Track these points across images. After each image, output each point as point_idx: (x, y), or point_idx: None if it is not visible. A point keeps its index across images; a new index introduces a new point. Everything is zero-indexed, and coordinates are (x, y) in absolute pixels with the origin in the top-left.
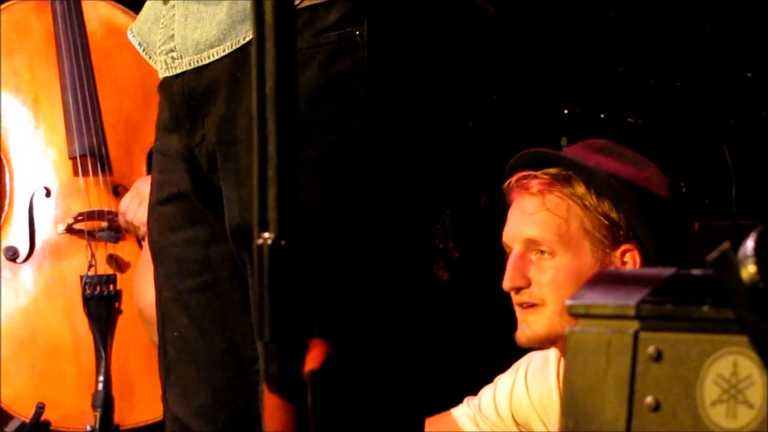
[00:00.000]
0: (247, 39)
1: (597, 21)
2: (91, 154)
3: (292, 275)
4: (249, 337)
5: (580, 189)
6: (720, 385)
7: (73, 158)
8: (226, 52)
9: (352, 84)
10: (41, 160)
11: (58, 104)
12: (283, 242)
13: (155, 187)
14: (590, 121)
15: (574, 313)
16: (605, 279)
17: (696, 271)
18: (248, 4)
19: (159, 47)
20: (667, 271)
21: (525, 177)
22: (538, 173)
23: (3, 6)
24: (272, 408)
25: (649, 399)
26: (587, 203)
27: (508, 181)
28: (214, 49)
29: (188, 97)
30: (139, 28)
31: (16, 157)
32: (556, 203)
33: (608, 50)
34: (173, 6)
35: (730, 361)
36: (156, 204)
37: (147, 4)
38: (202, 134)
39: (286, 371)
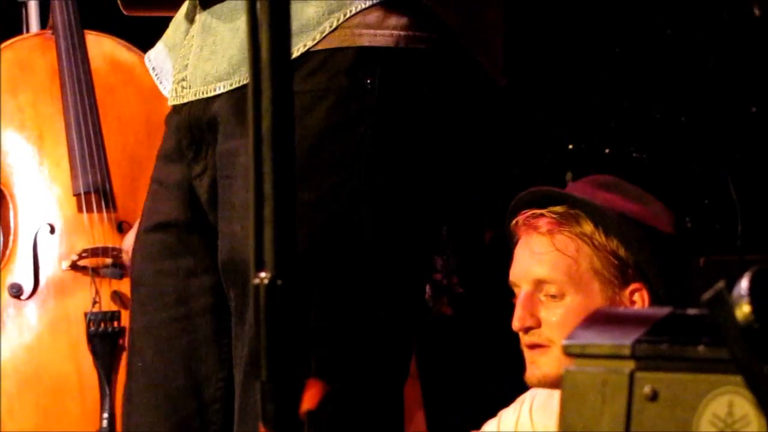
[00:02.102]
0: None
1: (602, 56)
2: (96, 191)
3: (288, 315)
4: (214, 376)
5: (589, 228)
6: (716, 425)
7: (77, 195)
8: (233, 87)
9: (358, 129)
10: (45, 196)
11: (63, 141)
12: (279, 282)
13: (144, 215)
14: (595, 156)
15: (570, 353)
16: (601, 318)
17: (692, 311)
18: None
19: (173, 75)
20: (663, 311)
21: (533, 215)
22: (545, 212)
23: (7, 43)
24: None
25: None
26: (596, 242)
27: (514, 220)
28: (221, 83)
29: (193, 126)
30: (156, 54)
31: (20, 194)
32: (565, 243)
33: (613, 85)
34: (192, 36)
35: (725, 401)
36: (142, 232)
37: (168, 31)
38: (203, 165)
39: (283, 411)
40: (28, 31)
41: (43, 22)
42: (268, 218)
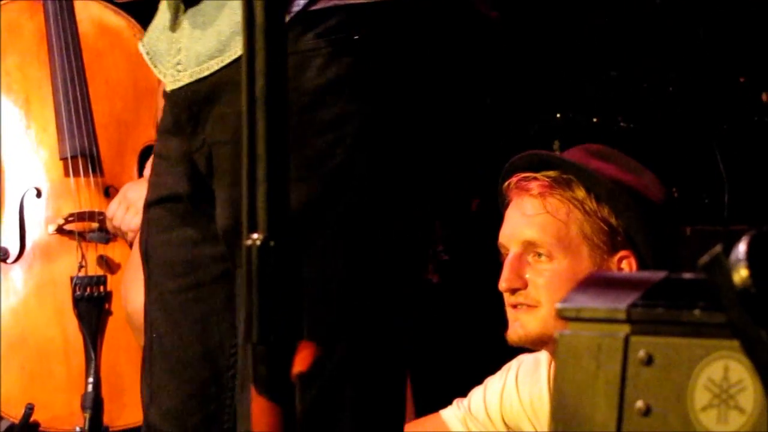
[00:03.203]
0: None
1: (589, 25)
2: (83, 155)
3: (281, 276)
4: (227, 342)
5: (581, 193)
6: (711, 389)
7: (64, 159)
8: (225, 63)
9: (349, 87)
10: (32, 160)
11: (50, 105)
12: (272, 243)
13: (150, 189)
14: (583, 125)
15: (565, 317)
16: (596, 282)
17: (687, 275)
18: None
19: (167, 60)
20: (658, 275)
21: (525, 178)
22: (538, 175)
23: None
24: (260, 410)
25: (639, 403)
26: (587, 208)
27: (507, 182)
28: (214, 60)
29: (191, 102)
30: (149, 38)
31: (6, 158)
32: (556, 206)
33: (601, 54)
34: (182, 19)
35: (721, 366)
36: (149, 205)
37: (157, 15)
38: (202, 138)
39: (275, 373)
40: None
41: None
42: (261, 179)
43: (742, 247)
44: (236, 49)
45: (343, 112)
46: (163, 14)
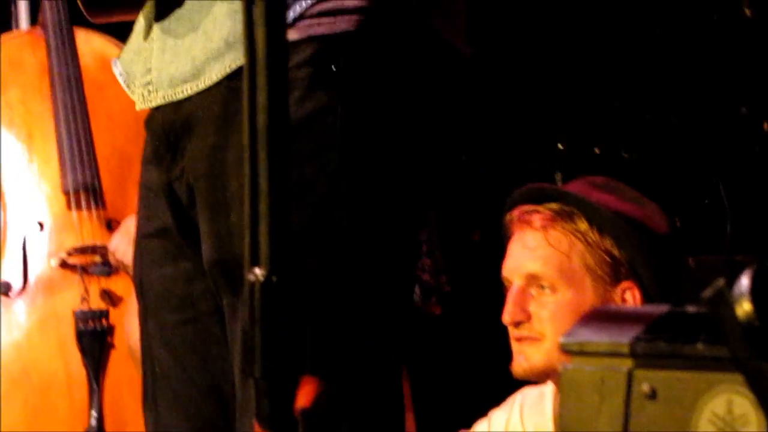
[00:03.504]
0: (220, 77)
1: (592, 55)
2: (85, 189)
3: (283, 311)
4: (230, 373)
5: (583, 225)
6: (715, 423)
7: (66, 192)
8: (200, 88)
9: (327, 119)
10: (35, 194)
11: (52, 138)
12: (274, 278)
13: (140, 221)
14: (585, 156)
15: (568, 351)
16: (599, 316)
17: (690, 308)
18: (222, 43)
19: (138, 79)
20: (661, 308)
21: (527, 211)
22: (540, 208)
23: None
24: None
25: None
26: (590, 240)
27: (509, 215)
28: (188, 85)
29: (167, 131)
30: (122, 59)
31: (9, 192)
32: (558, 239)
33: (603, 85)
34: (153, 39)
35: (725, 400)
36: (140, 238)
37: (131, 36)
38: (181, 167)
39: (278, 408)
40: (17, 27)
41: (33, 19)
42: (264, 214)
43: (745, 281)
44: (211, 75)
45: (323, 144)
46: (137, 34)
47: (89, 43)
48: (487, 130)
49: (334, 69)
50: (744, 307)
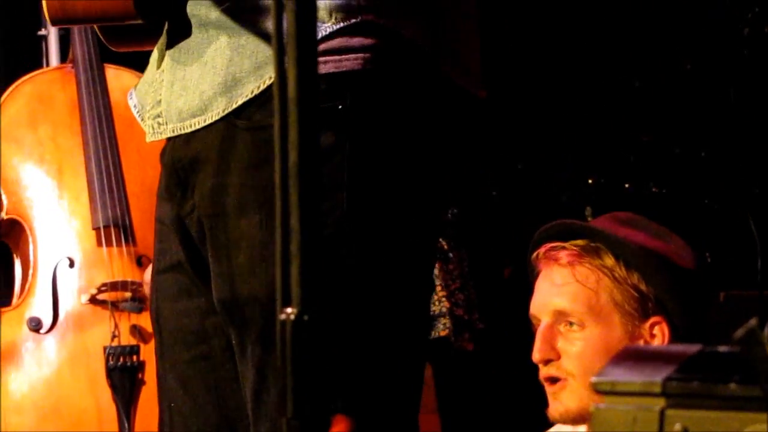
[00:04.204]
0: (227, 111)
1: (621, 90)
2: (115, 225)
3: (315, 351)
4: (243, 409)
5: (610, 261)
6: None
7: (96, 229)
8: (207, 122)
9: (334, 158)
10: (65, 230)
11: (82, 174)
12: (305, 317)
13: (155, 256)
14: (615, 191)
15: (600, 390)
16: (631, 355)
17: (722, 348)
18: (228, 77)
19: (149, 111)
20: (693, 348)
21: (554, 248)
22: (566, 244)
23: (27, 76)
24: None
25: None
26: (617, 275)
27: (536, 252)
28: (196, 119)
29: (177, 167)
30: (137, 90)
31: (39, 228)
32: (585, 275)
33: (633, 120)
34: (163, 70)
35: None
36: (156, 273)
37: (147, 68)
38: (191, 204)
39: None
40: (48, 64)
41: (63, 56)
42: (294, 254)
43: None
44: (218, 110)
45: (331, 184)
46: (151, 65)
47: (119, 79)
48: (519, 167)
49: (341, 107)
50: None
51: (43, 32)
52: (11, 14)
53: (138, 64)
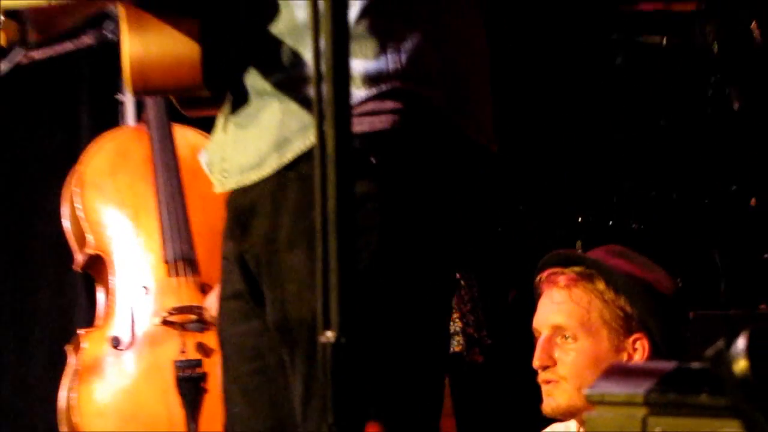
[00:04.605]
0: (278, 166)
1: (606, 144)
2: (182, 259)
3: (351, 368)
4: (293, 415)
5: (601, 285)
6: None
7: (167, 262)
8: (262, 175)
9: (368, 205)
10: (140, 263)
11: (155, 216)
12: (343, 340)
13: (221, 286)
14: (601, 227)
15: (592, 401)
16: (617, 371)
17: (695, 364)
18: (280, 137)
19: (216, 166)
20: (670, 365)
21: (554, 273)
22: (565, 270)
23: (109, 133)
24: None
25: None
26: (606, 297)
27: (539, 276)
28: (253, 172)
29: (238, 212)
30: (207, 149)
31: (119, 261)
32: (579, 296)
33: (616, 168)
34: (227, 132)
35: None
36: (221, 300)
37: (214, 130)
38: (249, 243)
39: None
40: (125, 123)
41: (138, 116)
42: (334, 285)
43: (741, 342)
44: (272, 165)
45: (366, 224)
46: (216, 128)
47: (185, 136)
48: (520, 208)
49: (374, 161)
50: (740, 365)
51: (121, 97)
52: (95, 83)
53: (200, 123)
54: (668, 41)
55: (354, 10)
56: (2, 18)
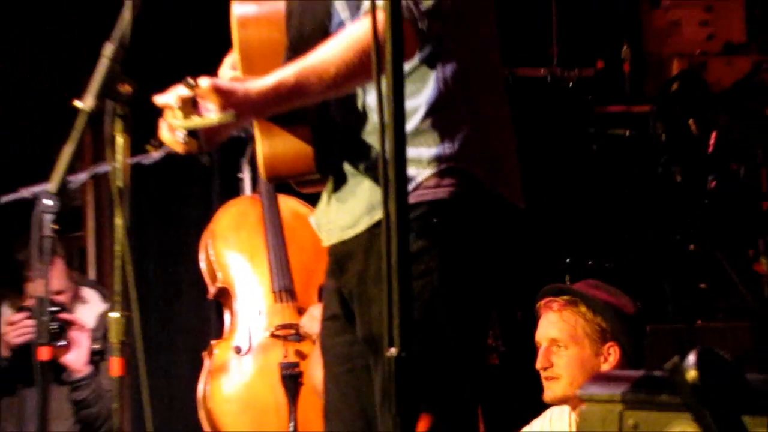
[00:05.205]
0: (368, 225)
1: (586, 206)
2: (284, 290)
3: (409, 375)
4: (374, 405)
5: (583, 309)
6: None
7: (274, 292)
8: (356, 232)
9: (430, 253)
10: (255, 293)
11: (265, 259)
12: (403, 354)
13: (323, 310)
14: (582, 266)
15: (583, 399)
16: (601, 378)
17: (657, 373)
18: (369, 205)
19: (323, 227)
20: (639, 373)
21: (550, 301)
22: (557, 299)
23: (233, 201)
24: None
25: None
26: (587, 317)
27: (539, 303)
28: (350, 230)
29: (339, 258)
30: (315, 215)
31: (239, 292)
32: (569, 317)
33: (594, 224)
34: (331, 203)
35: (680, 429)
36: (323, 320)
37: (320, 202)
38: (346, 279)
39: None
40: (243, 193)
41: (253, 189)
42: (395, 314)
43: (692, 358)
44: (363, 225)
45: (428, 267)
46: (322, 201)
47: (286, 203)
48: (524, 252)
49: (435, 221)
50: (691, 374)
51: (241, 175)
52: (223, 166)
53: (298, 194)
54: (630, 133)
55: (420, 113)
56: (186, 136)
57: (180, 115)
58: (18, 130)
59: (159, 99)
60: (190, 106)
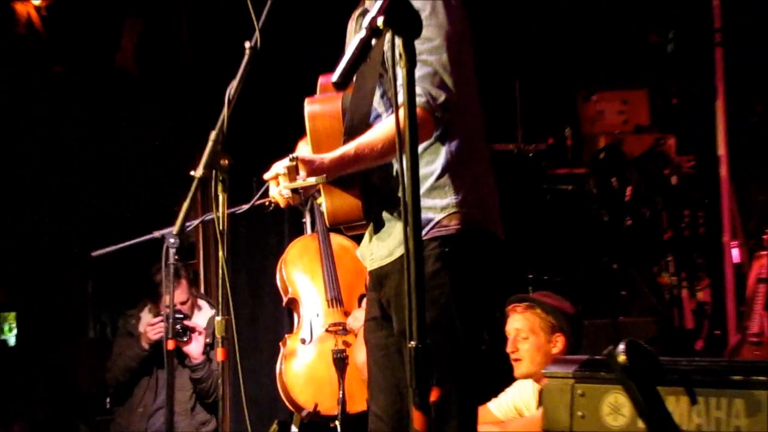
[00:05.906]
0: (399, 255)
1: (542, 239)
2: (335, 299)
3: (425, 362)
4: (404, 381)
5: (539, 311)
6: (610, 407)
7: (328, 300)
8: (391, 260)
9: (444, 273)
10: (315, 301)
11: (321, 278)
12: (420, 346)
13: (366, 313)
14: (542, 280)
15: (546, 376)
16: (559, 361)
17: (598, 357)
18: (400, 242)
19: (367, 258)
20: (585, 357)
21: (516, 306)
22: (521, 304)
23: (298, 238)
24: (416, 415)
25: (579, 413)
26: (542, 317)
27: (508, 307)
28: (387, 258)
29: (378, 278)
30: (360, 249)
31: (304, 300)
32: (528, 316)
33: (547, 251)
34: (372, 241)
35: (614, 397)
36: (367, 320)
37: (364, 240)
38: (384, 292)
39: (422, 401)
40: (306, 233)
41: (312, 229)
42: (413, 318)
43: (622, 346)
44: (397, 254)
45: (443, 281)
46: (365, 239)
47: (335, 239)
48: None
49: (447, 250)
50: (621, 358)
51: (304, 220)
52: (292, 215)
53: (343, 233)
54: (572, 188)
55: (435, 175)
56: (290, 192)
57: (286, 179)
58: (151, 191)
59: (267, 174)
60: (294, 172)
